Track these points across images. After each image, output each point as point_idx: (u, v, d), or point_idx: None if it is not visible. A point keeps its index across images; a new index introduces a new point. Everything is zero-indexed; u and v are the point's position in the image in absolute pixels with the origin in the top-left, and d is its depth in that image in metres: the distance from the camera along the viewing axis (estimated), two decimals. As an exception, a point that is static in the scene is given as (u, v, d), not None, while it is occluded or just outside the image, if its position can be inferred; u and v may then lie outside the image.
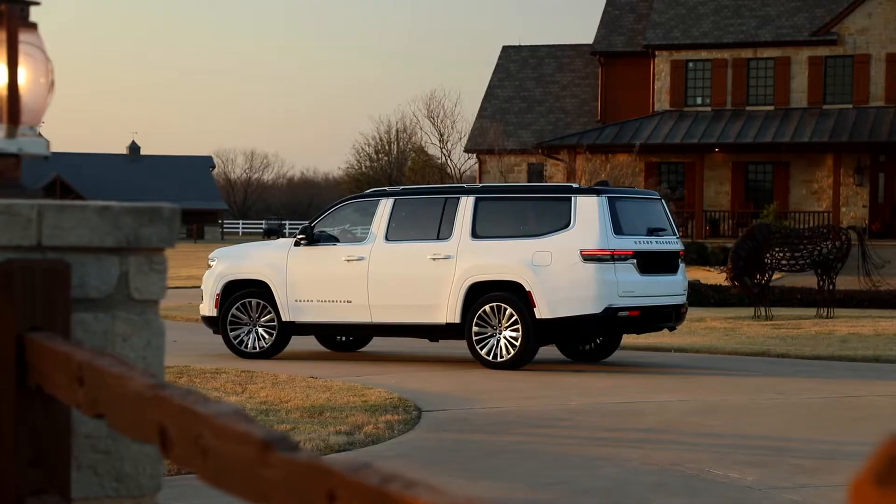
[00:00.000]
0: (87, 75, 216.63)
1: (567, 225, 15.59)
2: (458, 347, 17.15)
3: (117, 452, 3.56)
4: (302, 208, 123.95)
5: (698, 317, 24.04)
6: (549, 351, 17.37)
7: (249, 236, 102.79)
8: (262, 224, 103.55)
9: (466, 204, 16.15)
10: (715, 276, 30.85)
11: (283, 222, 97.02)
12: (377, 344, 18.67)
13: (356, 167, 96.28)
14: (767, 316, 23.75)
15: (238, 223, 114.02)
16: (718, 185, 49.57)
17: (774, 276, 33.76)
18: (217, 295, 17.34)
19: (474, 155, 57.19)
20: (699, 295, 28.24)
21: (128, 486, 3.59)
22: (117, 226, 3.53)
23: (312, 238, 16.89)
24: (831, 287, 24.51)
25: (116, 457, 3.57)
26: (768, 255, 23.97)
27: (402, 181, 78.48)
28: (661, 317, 16.09)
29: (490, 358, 15.64)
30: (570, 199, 15.73)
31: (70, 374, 3.08)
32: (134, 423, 2.77)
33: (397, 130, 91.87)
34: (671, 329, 16.81)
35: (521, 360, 15.58)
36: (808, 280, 28.50)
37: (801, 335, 20.53)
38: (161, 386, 2.68)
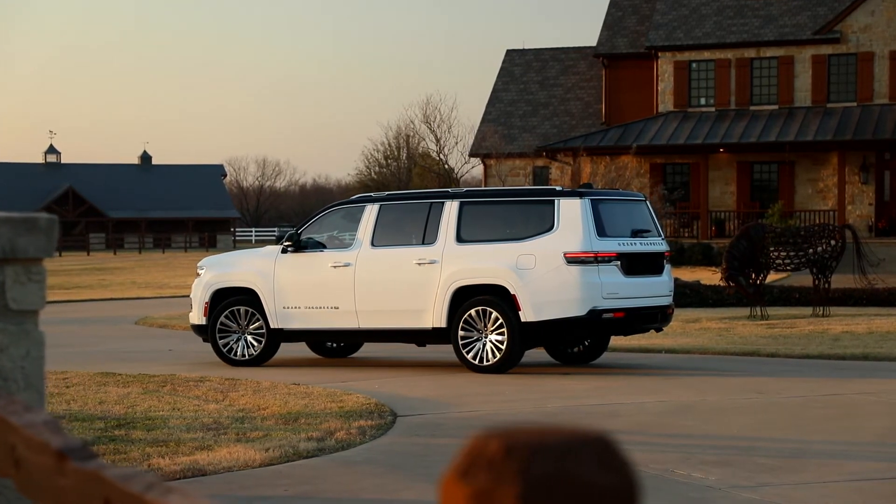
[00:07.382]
0: (98, 86, 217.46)
1: (550, 228, 15.57)
2: (448, 352, 17.15)
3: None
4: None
5: (694, 317, 23.98)
6: (538, 354, 17.36)
7: (262, 244, 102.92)
8: (274, 231, 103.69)
9: (451, 209, 16.14)
10: (718, 277, 30.76)
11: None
12: (368, 350, 18.69)
13: (366, 173, 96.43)
14: (763, 316, 23.68)
15: (251, 231, 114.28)
16: (723, 186, 49.49)
17: (778, 276, 33.76)
18: (206, 303, 17.38)
19: (479, 159, 57.18)
20: (698, 295, 28.19)
21: (7, 497, 3.61)
22: (-8, 237, 3.55)
23: (299, 245, 16.92)
24: (827, 286, 24.43)
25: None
26: (763, 254, 23.91)
27: (409, 186, 78.50)
28: (647, 318, 16.04)
29: (476, 362, 15.63)
30: (552, 202, 15.71)
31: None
32: (-32, 435, 2.79)
33: (406, 136, 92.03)
34: (657, 330, 16.77)
35: (507, 364, 15.57)
36: (808, 279, 28.39)
37: (794, 334, 20.44)
38: (-10, 397, 2.70)
